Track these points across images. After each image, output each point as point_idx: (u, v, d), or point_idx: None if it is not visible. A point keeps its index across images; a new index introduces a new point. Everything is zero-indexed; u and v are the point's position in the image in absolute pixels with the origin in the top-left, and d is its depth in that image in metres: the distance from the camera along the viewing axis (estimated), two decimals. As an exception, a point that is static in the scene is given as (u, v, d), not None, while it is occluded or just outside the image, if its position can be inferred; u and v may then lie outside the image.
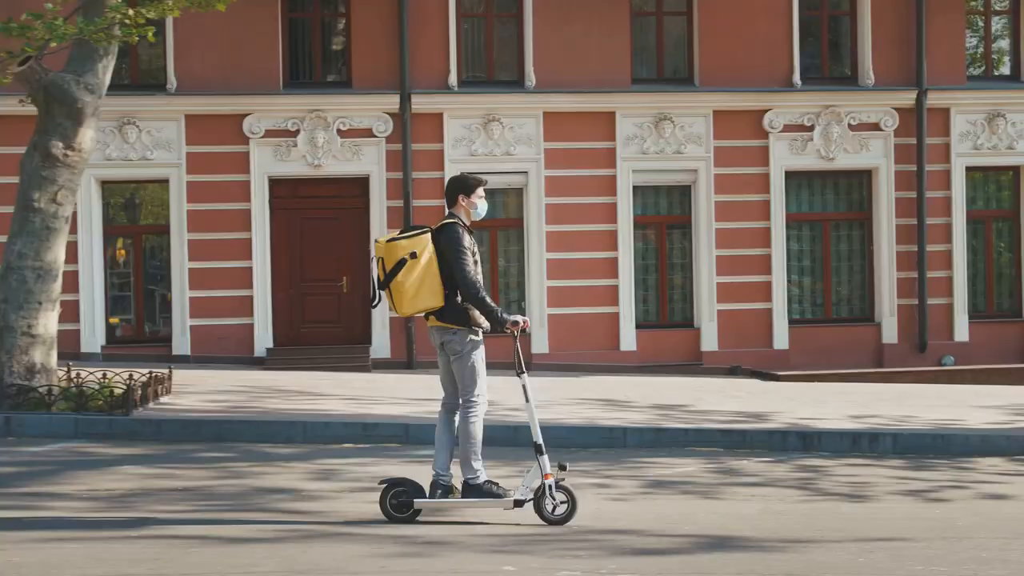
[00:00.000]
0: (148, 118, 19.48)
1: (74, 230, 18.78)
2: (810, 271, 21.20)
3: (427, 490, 7.48)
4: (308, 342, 19.82)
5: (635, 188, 20.42)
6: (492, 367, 8.25)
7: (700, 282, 20.49)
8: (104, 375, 13.05)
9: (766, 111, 20.49)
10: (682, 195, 20.77)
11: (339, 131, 19.77)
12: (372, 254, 7.57)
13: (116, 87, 19.07)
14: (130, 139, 19.37)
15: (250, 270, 19.62)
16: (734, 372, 20.01)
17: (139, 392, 12.14)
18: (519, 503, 7.40)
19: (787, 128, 20.56)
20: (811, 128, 20.61)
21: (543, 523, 7.39)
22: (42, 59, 12.05)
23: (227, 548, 6.65)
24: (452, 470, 7.56)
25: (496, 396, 9.20)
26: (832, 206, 21.29)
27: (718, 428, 12.11)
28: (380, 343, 19.78)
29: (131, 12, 11.33)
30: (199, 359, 19.24)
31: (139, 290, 20.04)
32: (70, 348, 18.39)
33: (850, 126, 20.66)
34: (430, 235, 7.46)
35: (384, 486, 7.54)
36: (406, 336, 19.69)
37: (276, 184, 19.88)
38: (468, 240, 7.50)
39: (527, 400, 7.49)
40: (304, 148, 19.71)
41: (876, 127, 20.74)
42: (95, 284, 19.37)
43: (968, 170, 21.05)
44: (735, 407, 14.15)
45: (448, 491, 7.47)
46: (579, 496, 7.55)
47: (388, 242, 7.43)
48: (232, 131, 19.58)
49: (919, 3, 20.56)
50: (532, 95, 20.11)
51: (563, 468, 7.42)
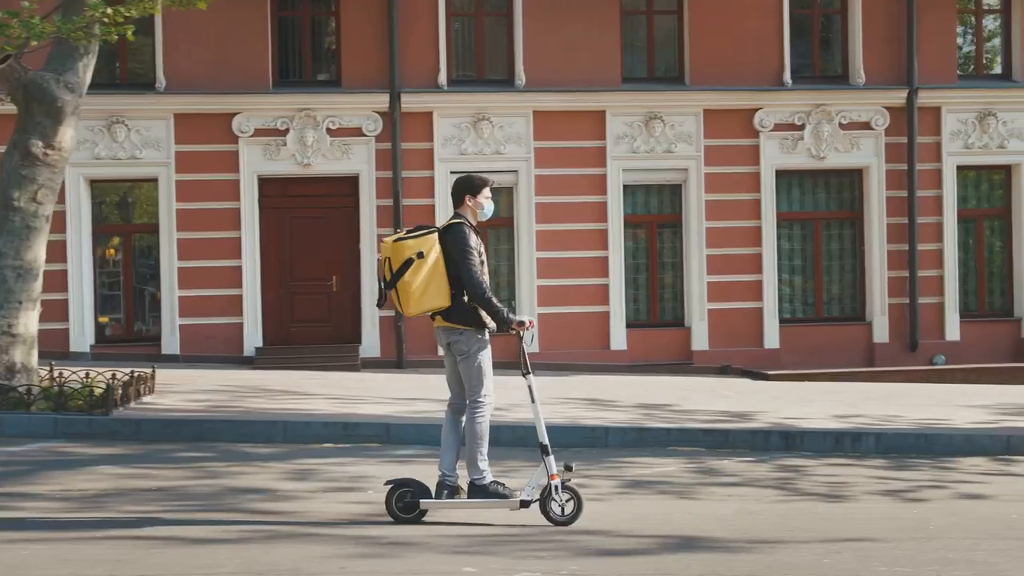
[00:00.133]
0: (137, 117, 19.45)
1: (63, 229, 18.86)
2: (801, 270, 21.15)
3: (433, 491, 7.45)
4: (297, 341, 19.79)
5: (625, 187, 20.38)
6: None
7: (691, 281, 20.44)
8: (87, 374, 13.00)
9: (757, 110, 20.45)
10: (672, 194, 20.72)
11: (328, 130, 19.73)
12: (378, 254, 7.52)
13: (105, 86, 19.21)
14: (119, 138, 19.34)
15: (239, 269, 19.59)
16: (724, 371, 19.97)
17: (120, 392, 12.11)
18: (525, 504, 7.37)
19: (778, 127, 20.52)
20: (802, 127, 20.56)
21: (548, 523, 7.35)
22: (21, 58, 12.04)
23: (190, 549, 6.63)
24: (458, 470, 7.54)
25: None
26: (823, 205, 21.24)
27: (700, 428, 12.06)
28: (370, 342, 19.76)
29: (110, 11, 11.30)
30: (188, 358, 19.21)
31: (128, 289, 20.01)
32: (59, 347, 18.39)
33: (841, 125, 20.62)
34: (437, 235, 7.44)
35: (390, 487, 7.49)
36: (396, 335, 19.67)
37: (265, 183, 19.86)
38: (474, 240, 7.48)
39: (532, 400, 7.46)
40: (293, 147, 19.68)
41: (867, 126, 20.69)
42: (84, 283, 19.34)
43: (959, 169, 21.02)
44: (721, 407, 14.11)
45: (454, 491, 7.45)
46: (584, 497, 7.52)
47: (395, 242, 7.41)
48: (221, 130, 19.55)
49: (910, 2, 20.53)
50: (522, 94, 20.07)
51: (569, 469, 7.40)
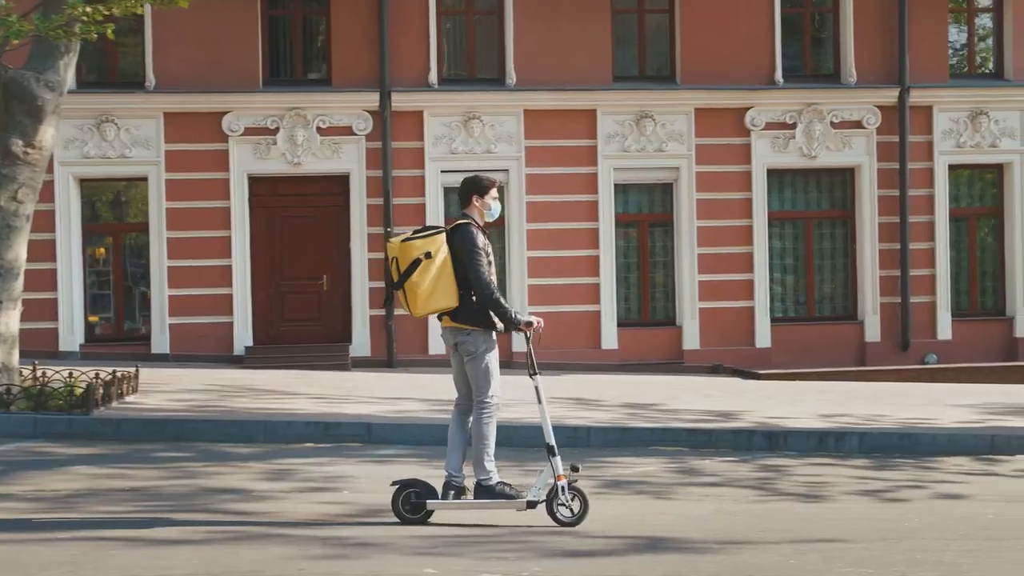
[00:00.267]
0: (126, 116, 19.42)
1: (52, 228, 18.84)
2: (792, 269, 21.10)
3: (440, 491, 7.42)
4: (288, 341, 19.76)
5: (617, 186, 20.34)
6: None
7: (682, 280, 20.40)
8: (70, 374, 12.96)
9: (748, 109, 20.40)
10: (664, 193, 20.68)
11: (319, 129, 19.70)
12: (385, 254, 7.49)
13: (94, 85, 19.22)
14: (108, 137, 19.31)
15: (230, 268, 19.57)
16: (716, 371, 19.93)
17: (101, 391, 12.06)
18: (532, 504, 7.33)
19: (769, 126, 20.48)
20: (793, 126, 20.52)
21: (554, 524, 7.31)
22: (2, 56, 11.99)
23: (151, 550, 6.58)
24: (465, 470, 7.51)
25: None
26: (815, 204, 21.19)
27: (684, 427, 12.02)
28: (360, 342, 19.73)
29: (89, 9, 11.26)
30: (178, 358, 19.19)
31: (118, 288, 19.99)
32: (48, 347, 18.38)
33: (832, 124, 20.57)
34: (444, 235, 7.42)
35: (396, 488, 7.45)
36: (386, 335, 19.63)
37: (256, 182, 19.83)
38: (482, 240, 7.46)
39: (539, 402, 7.43)
40: (284, 146, 19.66)
41: (859, 125, 20.65)
42: (73, 282, 19.31)
43: (951, 168, 20.98)
44: (707, 406, 14.06)
45: (460, 492, 7.42)
46: (590, 497, 7.48)
47: (403, 242, 7.38)
48: (211, 129, 19.53)
49: (902, 1, 20.46)
50: (513, 93, 20.03)
51: (575, 469, 7.37)
